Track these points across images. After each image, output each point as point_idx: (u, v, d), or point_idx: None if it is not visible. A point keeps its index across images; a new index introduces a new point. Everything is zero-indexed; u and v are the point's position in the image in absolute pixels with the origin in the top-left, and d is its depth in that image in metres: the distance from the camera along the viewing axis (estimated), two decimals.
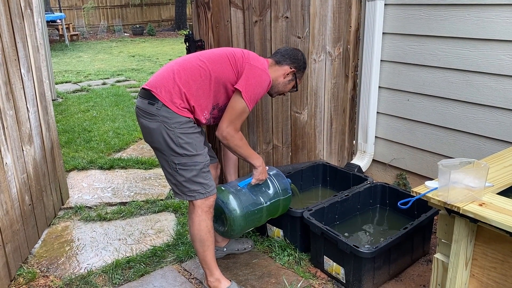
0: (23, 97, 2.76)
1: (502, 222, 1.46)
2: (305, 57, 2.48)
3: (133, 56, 11.90)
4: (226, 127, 2.16)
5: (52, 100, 3.44)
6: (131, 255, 2.76)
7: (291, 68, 2.36)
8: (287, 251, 2.69)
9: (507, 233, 1.47)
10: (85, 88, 7.73)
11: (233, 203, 2.31)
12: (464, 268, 1.68)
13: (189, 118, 2.13)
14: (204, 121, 2.22)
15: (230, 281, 2.33)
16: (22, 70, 2.74)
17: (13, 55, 2.63)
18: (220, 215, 2.37)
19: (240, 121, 2.20)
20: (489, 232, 1.59)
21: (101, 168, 4.15)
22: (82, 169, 4.12)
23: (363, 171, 3.52)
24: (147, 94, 2.13)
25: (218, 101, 2.22)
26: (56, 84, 7.83)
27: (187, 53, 2.56)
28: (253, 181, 2.38)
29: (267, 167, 2.47)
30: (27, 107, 2.80)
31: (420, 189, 1.74)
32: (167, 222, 3.17)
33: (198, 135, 2.18)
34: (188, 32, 2.73)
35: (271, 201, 2.44)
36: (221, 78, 2.18)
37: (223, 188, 2.38)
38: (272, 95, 2.47)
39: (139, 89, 7.60)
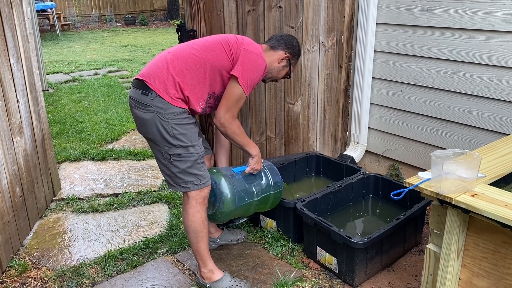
0: (13, 88, 2.72)
1: (494, 213, 1.47)
2: (300, 44, 2.46)
3: (125, 46, 11.79)
4: (223, 114, 2.14)
5: (43, 90, 3.41)
6: (124, 246, 2.75)
7: (285, 54, 2.34)
8: (280, 242, 2.69)
9: (499, 224, 1.48)
10: (76, 79, 7.66)
11: (225, 185, 2.28)
12: (456, 258, 1.69)
13: (184, 108, 2.10)
14: (199, 110, 2.19)
15: (223, 272, 2.33)
16: (11, 60, 2.70)
17: (2, 44, 2.59)
18: (209, 197, 2.35)
19: (238, 107, 2.18)
20: (481, 223, 1.60)
21: (93, 159, 4.12)
22: (74, 161, 4.09)
23: (356, 162, 3.52)
24: (140, 85, 2.10)
25: (214, 89, 2.20)
26: (47, 74, 7.75)
27: (179, 43, 2.53)
28: (248, 169, 2.37)
29: (262, 160, 2.46)
30: (17, 97, 2.76)
31: (413, 180, 1.74)
32: (160, 214, 3.16)
33: (193, 126, 2.16)
34: (181, 21, 2.69)
35: (262, 192, 2.43)
36: (216, 66, 2.15)
37: (214, 170, 2.36)
38: (265, 81, 2.44)
39: (131, 79, 7.57)
